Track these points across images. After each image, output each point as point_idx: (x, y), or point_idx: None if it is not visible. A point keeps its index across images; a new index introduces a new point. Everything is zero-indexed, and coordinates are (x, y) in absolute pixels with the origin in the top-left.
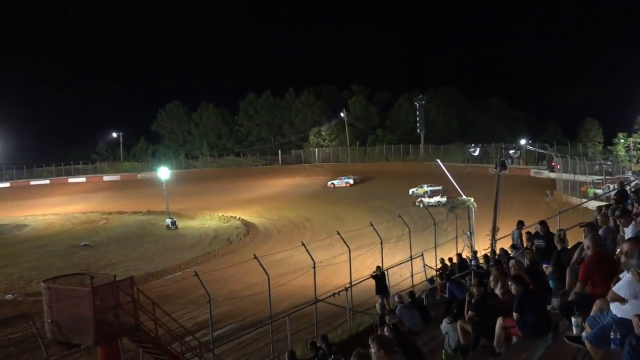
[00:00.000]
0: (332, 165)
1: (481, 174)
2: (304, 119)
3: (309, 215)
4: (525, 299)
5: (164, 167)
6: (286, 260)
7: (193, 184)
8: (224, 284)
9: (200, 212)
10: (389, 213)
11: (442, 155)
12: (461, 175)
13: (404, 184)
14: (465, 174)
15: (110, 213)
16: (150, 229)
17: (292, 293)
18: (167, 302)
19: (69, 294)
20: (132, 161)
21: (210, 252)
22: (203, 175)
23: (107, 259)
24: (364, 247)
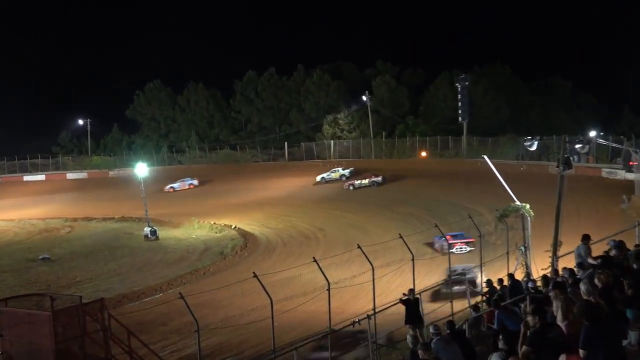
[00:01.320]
0: (351, 162)
1: (539, 173)
2: (317, 104)
3: (322, 224)
4: (595, 332)
5: (141, 163)
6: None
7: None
8: (216, 308)
9: (186, 219)
10: (422, 222)
11: (490, 150)
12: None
13: (442, 186)
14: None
15: (75, 219)
16: (125, 240)
17: (301, 321)
18: (146, 330)
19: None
20: (103, 155)
21: (199, 268)
22: (190, 173)
23: (71, 276)
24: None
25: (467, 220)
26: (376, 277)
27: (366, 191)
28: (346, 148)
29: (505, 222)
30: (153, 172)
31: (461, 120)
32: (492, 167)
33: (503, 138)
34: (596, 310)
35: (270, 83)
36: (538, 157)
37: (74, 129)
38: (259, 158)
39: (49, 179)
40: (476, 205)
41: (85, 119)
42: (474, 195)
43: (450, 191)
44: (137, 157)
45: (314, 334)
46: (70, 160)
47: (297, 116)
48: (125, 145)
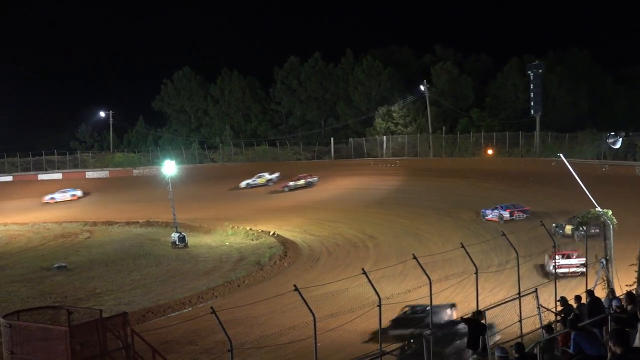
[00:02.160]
0: (407, 161)
1: (624, 175)
2: (367, 95)
3: (372, 232)
4: None
5: (169, 161)
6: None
7: (210, 184)
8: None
9: (219, 224)
10: (487, 230)
11: (567, 147)
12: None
13: (510, 188)
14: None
15: (95, 224)
16: (150, 247)
17: (348, 341)
18: (172, 349)
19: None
20: (126, 151)
21: (233, 280)
22: (225, 172)
23: (90, 287)
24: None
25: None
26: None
27: (422, 192)
28: (401, 145)
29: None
30: (182, 171)
31: (533, 113)
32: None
33: (582, 134)
34: None
35: (314, 71)
36: (623, 156)
37: (95, 122)
38: (301, 155)
39: (66, 178)
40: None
41: (107, 110)
42: (547, 200)
43: (520, 195)
44: (164, 153)
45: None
46: (90, 157)
47: (345, 108)
48: (151, 140)
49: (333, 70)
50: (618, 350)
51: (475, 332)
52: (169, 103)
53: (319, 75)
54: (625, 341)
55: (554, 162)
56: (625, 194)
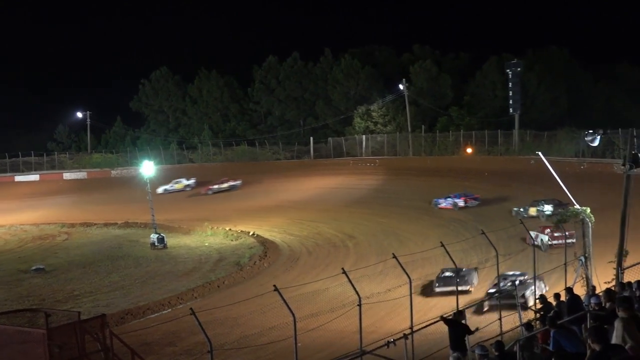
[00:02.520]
0: (386, 160)
1: (602, 173)
2: (346, 94)
3: (352, 231)
4: None
5: (148, 161)
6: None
7: None
8: (231, 326)
9: (198, 225)
10: (467, 229)
11: (546, 145)
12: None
13: (490, 186)
14: (579, 173)
15: (72, 225)
16: (129, 249)
17: (328, 341)
18: (152, 351)
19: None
20: (104, 152)
21: (213, 281)
22: (203, 173)
23: (68, 289)
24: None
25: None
26: (414, 291)
27: (400, 191)
28: (380, 144)
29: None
30: (161, 172)
31: (512, 111)
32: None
33: (561, 132)
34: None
35: (293, 70)
36: (601, 154)
37: (72, 122)
38: (280, 155)
39: (44, 179)
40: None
41: (85, 111)
42: (527, 197)
43: (500, 193)
44: (142, 154)
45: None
46: (67, 158)
47: (324, 108)
48: (129, 141)
49: (312, 70)
50: (597, 347)
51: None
52: (146, 103)
53: (297, 75)
54: (604, 338)
55: (532, 161)
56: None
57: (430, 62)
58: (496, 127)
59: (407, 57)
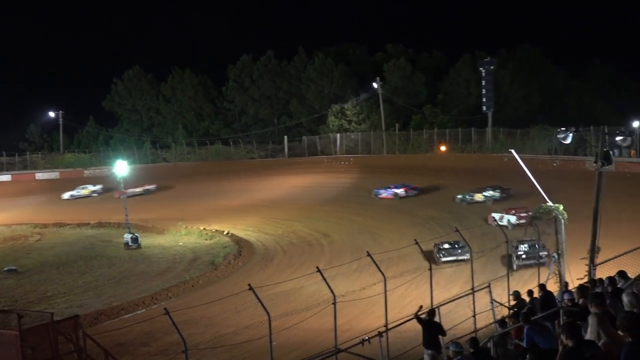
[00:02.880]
0: (361, 158)
1: (575, 170)
2: (320, 93)
3: (327, 230)
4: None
5: (121, 161)
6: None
7: (163, 183)
8: (206, 326)
9: (172, 225)
10: (442, 226)
11: (519, 143)
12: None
13: (464, 184)
14: (551, 170)
15: (45, 226)
16: (102, 249)
17: (303, 340)
18: (126, 351)
19: None
20: (77, 152)
21: (187, 280)
22: (177, 172)
23: (41, 290)
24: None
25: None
26: (388, 289)
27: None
28: (354, 142)
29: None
30: (135, 171)
31: (486, 109)
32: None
33: (533, 130)
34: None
35: (267, 69)
36: (573, 151)
37: (44, 122)
38: (254, 154)
39: (16, 180)
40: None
41: (57, 111)
42: None
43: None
44: (116, 154)
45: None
46: (39, 158)
47: (298, 107)
48: (102, 140)
49: (285, 69)
50: (570, 343)
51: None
52: (119, 103)
53: (271, 74)
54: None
55: (506, 158)
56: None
57: (404, 61)
58: (469, 125)
59: (380, 56)
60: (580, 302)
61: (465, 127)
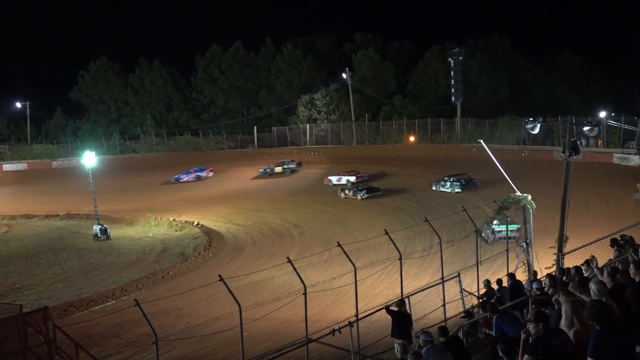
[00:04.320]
0: (330, 149)
1: (543, 160)
2: (289, 84)
3: (297, 220)
4: (606, 338)
5: (89, 152)
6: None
7: (132, 175)
8: (176, 317)
9: (142, 216)
10: (411, 216)
11: (488, 133)
12: (514, 162)
13: (433, 174)
14: (520, 160)
15: (13, 217)
16: (71, 240)
17: (274, 330)
18: (96, 343)
19: None
20: (45, 143)
21: (157, 272)
22: (146, 163)
23: (9, 282)
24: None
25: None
26: (359, 279)
27: None
28: (324, 132)
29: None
30: (103, 162)
31: (454, 100)
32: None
33: (502, 120)
34: (608, 312)
35: (236, 59)
36: (541, 141)
37: (11, 113)
38: (224, 145)
39: None
40: (472, 196)
41: (24, 101)
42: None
43: None
44: (84, 145)
45: (288, 344)
46: (6, 149)
47: (268, 97)
48: (70, 131)
49: (254, 59)
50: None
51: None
52: (87, 94)
53: (240, 64)
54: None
55: (474, 148)
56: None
57: (373, 51)
58: (439, 116)
59: (349, 47)
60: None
61: (434, 118)
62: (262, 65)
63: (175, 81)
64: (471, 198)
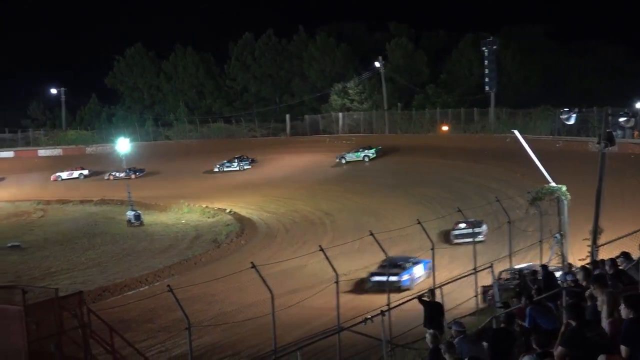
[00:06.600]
0: (362, 138)
1: (578, 151)
2: (322, 72)
3: (329, 209)
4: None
5: (123, 138)
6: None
7: (165, 161)
8: (209, 303)
9: (175, 202)
10: (443, 206)
11: (521, 124)
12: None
13: (465, 164)
14: (554, 151)
15: (48, 202)
16: (105, 226)
17: (306, 318)
18: (129, 328)
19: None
20: (79, 129)
21: (190, 258)
22: (179, 150)
23: (45, 266)
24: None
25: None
26: None
27: (377, 169)
28: (356, 121)
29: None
30: (136, 148)
31: (488, 89)
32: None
33: (536, 110)
34: None
35: (268, 47)
36: (576, 132)
37: (46, 99)
38: (256, 132)
39: (18, 156)
40: (505, 186)
41: (59, 87)
42: (503, 176)
43: (475, 171)
44: (118, 131)
45: (320, 332)
46: (42, 135)
47: (300, 85)
48: (104, 117)
49: (287, 47)
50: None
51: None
52: (121, 80)
53: (272, 52)
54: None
55: (508, 139)
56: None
57: (406, 39)
58: (472, 105)
59: (382, 35)
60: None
61: (467, 107)
62: (295, 52)
63: (208, 68)
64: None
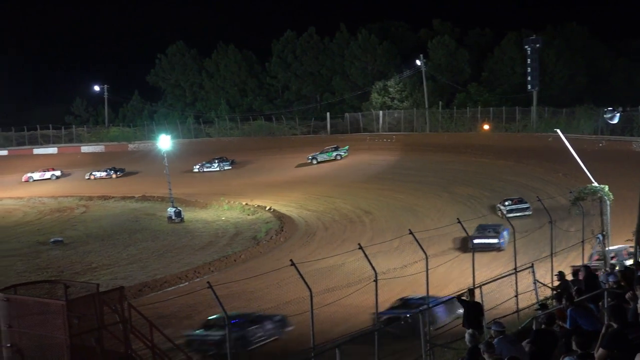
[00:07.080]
0: (403, 136)
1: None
2: (364, 70)
3: (369, 207)
4: None
5: (165, 135)
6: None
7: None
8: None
9: (215, 199)
10: (484, 205)
11: (564, 123)
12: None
13: (507, 163)
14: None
15: (90, 198)
16: (146, 222)
17: (345, 316)
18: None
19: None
20: (122, 126)
21: (230, 255)
22: (220, 147)
23: (87, 261)
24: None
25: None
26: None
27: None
28: (397, 120)
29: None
30: (178, 146)
31: (531, 88)
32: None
33: (579, 109)
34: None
35: (309, 45)
36: (620, 131)
37: (89, 95)
38: (297, 130)
39: (62, 152)
40: (547, 186)
41: (102, 84)
42: (545, 175)
43: (517, 170)
44: (160, 128)
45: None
46: (85, 132)
47: (341, 83)
48: (146, 115)
49: (328, 45)
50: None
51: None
52: (163, 77)
53: (314, 50)
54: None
55: (550, 138)
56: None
57: (449, 38)
58: (514, 104)
59: (424, 33)
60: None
61: (509, 106)
62: (336, 51)
63: (250, 66)
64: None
